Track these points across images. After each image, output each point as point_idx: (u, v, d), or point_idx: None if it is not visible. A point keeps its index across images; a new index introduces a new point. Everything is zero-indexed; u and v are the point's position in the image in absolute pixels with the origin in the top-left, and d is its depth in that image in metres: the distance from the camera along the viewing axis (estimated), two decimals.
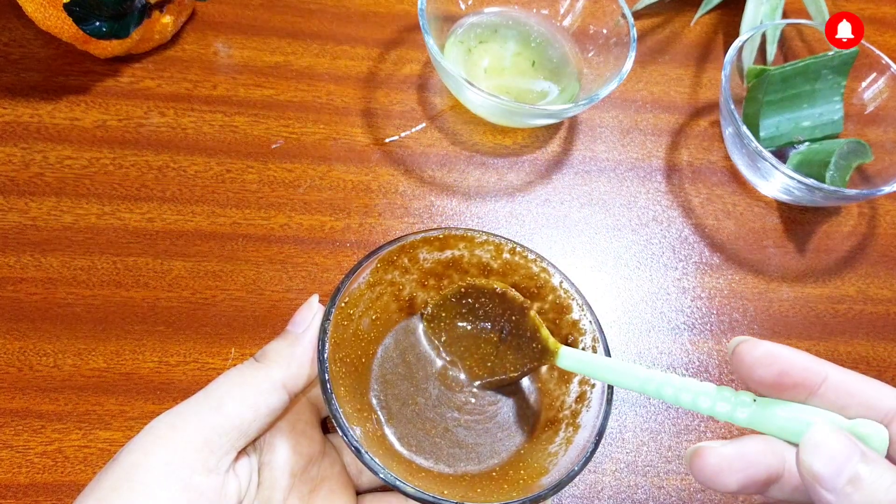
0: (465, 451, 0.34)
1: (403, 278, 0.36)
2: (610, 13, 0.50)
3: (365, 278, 0.35)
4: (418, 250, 0.36)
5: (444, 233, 0.36)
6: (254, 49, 0.50)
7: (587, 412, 0.33)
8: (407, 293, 0.37)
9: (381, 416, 0.34)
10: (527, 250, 0.37)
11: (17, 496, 0.36)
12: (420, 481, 0.30)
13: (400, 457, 0.33)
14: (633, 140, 0.52)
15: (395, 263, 0.36)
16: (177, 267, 0.42)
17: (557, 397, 0.35)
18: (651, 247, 0.48)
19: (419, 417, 0.34)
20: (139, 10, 0.44)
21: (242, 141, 0.47)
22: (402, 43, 0.53)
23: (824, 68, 0.50)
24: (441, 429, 0.34)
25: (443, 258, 0.37)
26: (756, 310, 0.47)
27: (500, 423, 0.35)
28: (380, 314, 0.36)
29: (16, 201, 0.42)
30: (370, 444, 0.31)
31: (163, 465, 0.27)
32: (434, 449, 0.34)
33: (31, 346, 0.39)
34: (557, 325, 0.36)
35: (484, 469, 0.34)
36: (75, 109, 0.46)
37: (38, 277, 0.41)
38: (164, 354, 0.40)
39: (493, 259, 0.37)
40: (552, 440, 0.34)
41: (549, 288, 0.36)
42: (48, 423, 0.37)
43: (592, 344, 0.35)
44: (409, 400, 0.35)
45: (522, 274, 0.37)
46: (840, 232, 0.51)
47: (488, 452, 0.34)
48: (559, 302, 0.36)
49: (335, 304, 0.32)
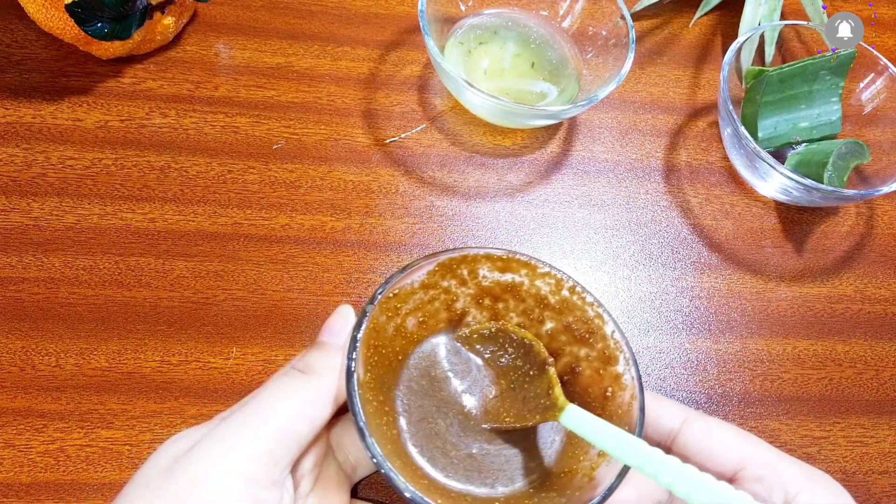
0: (477, 475, 0.33)
1: (459, 289, 0.36)
2: (609, 14, 0.50)
3: (420, 278, 0.34)
4: (479, 265, 0.35)
5: (508, 254, 0.35)
6: (255, 50, 0.50)
7: (606, 466, 0.32)
8: (461, 306, 0.36)
9: (402, 419, 0.33)
10: (586, 292, 0.35)
11: (19, 495, 0.36)
12: (424, 489, 0.30)
13: (412, 462, 0.32)
14: (631, 141, 0.52)
15: (454, 272, 0.35)
16: (178, 267, 0.42)
17: (582, 447, 0.34)
18: (650, 247, 0.49)
19: (437, 435, 0.34)
20: (141, 12, 0.44)
21: (244, 142, 0.47)
22: (403, 44, 0.53)
23: (822, 69, 0.50)
24: (455, 449, 0.34)
25: (503, 280, 0.36)
26: (754, 309, 0.47)
27: (511, 460, 0.34)
28: (427, 319, 0.36)
29: (18, 201, 0.43)
30: (382, 439, 0.30)
31: (236, 479, 0.27)
32: (449, 466, 0.33)
33: (34, 346, 0.39)
34: (601, 375, 0.35)
35: (491, 495, 0.33)
36: (77, 110, 0.46)
37: (40, 277, 0.41)
38: (165, 354, 0.40)
39: (552, 294, 0.36)
40: (563, 490, 0.32)
41: (600, 336, 0.35)
42: (50, 423, 0.38)
43: (630, 401, 0.33)
44: (429, 416, 0.34)
45: (577, 316, 0.36)
46: (838, 232, 0.52)
47: (503, 481, 0.33)
48: (607, 353, 0.35)
49: (383, 292, 0.32)
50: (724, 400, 0.44)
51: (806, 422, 0.44)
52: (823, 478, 0.32)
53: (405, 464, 0.32)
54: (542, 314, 0.36)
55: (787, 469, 0.32)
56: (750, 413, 0.44)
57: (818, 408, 0.45)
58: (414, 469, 0.32)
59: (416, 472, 0.32)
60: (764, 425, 0.44)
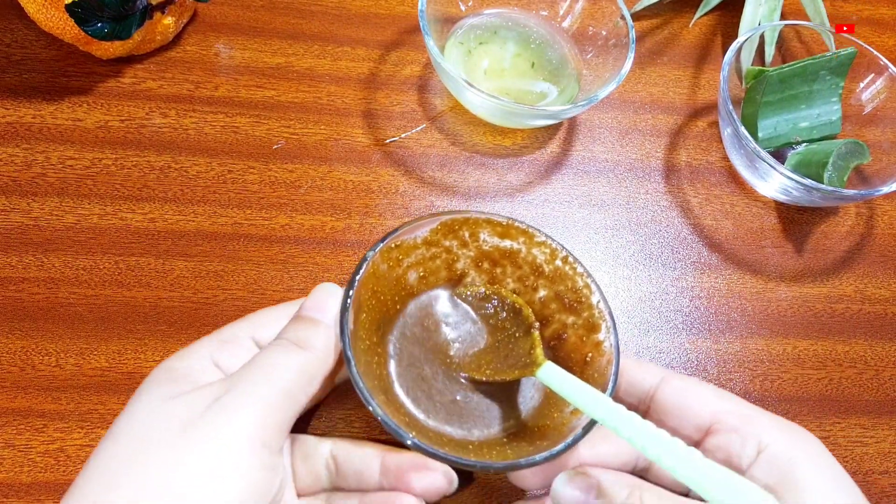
0: (457, 420, 0.35)
1: (461, 251, 0.38)
2: (609, 14, 0.50)
3: (423, 234, 0.37)
4: (481, 229, 0.38)
5: (508, 221, 0.38)
6: (255, 50, 0.50)
7: (577, 422, 0.34)
8: (461, 267, 0.38)
9: (393, 361, 0.36)
10: (578, 263, 0.37)
11: (19, 495, 0.36)
12: (420, 433, 0.32)
13: (396, 399, 0.35)
14: (631, 141, 0.52)
15: (456, 233, 0.37)
16: (178, 267, 0.42)
17: (557, 405, 0.36)
18: (650, 247, 0.49)
19: (423, 380, 0.36)
20: (141, 12, 0.44)
21: (244, 142, 0.47)
22: (403, 44, 0.53)
23: (822, 69, 0.50)
24: (440, 395, 0.36)
25: (502, 246, 0.38)
26: (754, 309, 0.47)
27: (491, 409, 0.36)
28: (428, 275, 0.38)
29: (18, 201, 0.43)
30: (369, 375, 0.32)
31: (256, 444, 0.28)
32: (431, 408, 0.35)
33: (34, 346, 0.39)
34: (584, 342, 0.37)
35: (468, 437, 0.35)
36: (77, 110, 0.46)
37: (40, 277, 0.41)
38: (165, 354, 0.40)
39: (546, 263, 0.38)
40: (534, 441, 0.34)
41: (587, 305, 0.37)
42: (50, 423, 0.38)
43: (606, 366, 0.35)
44: (418, 362, 0.36)
45: (568, 286, 0.38)
46: (838, 232, 0.52)
47: (479, 427, 0.36)
48: (592, 321, 0.37)
49: (385, 242, 0.35)
50: None
51: (806, 422, 0.44)
52: (798, 429, 0.32)
53: (389, 400, 0.34)
54: (537, 282, 0.38)
55: (762, 421, 0.32)
56: None
57: (818, 408, 0.45)
58: (397, 406, 0.34)
59: (399, 409, 0.34)
60: None
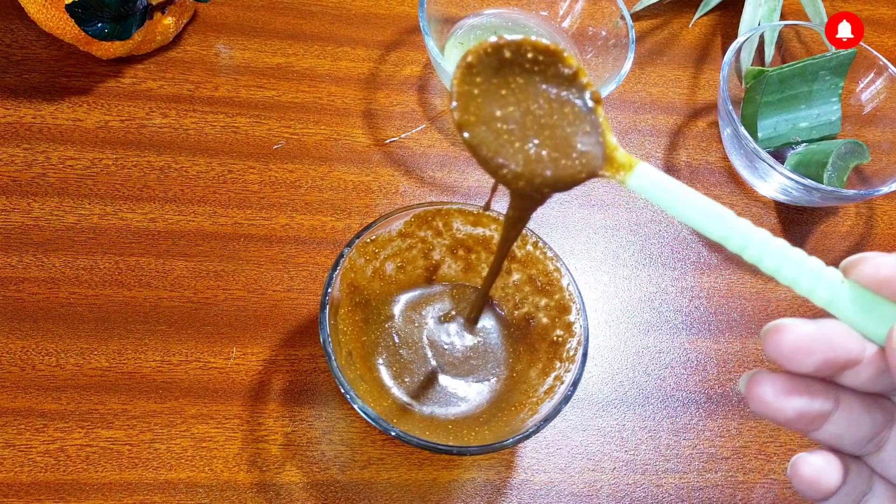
0: (435, 400, 0.38)
1: (435, 240, 0.40)
2: (609, 15, 0.50)
3: (397, 227, 0.38)
4: (453, 218, 0.39)
5: (479, 210, 0.39)
6: (255, 50, 0.50)
7: (548, 403, 0.36)
8: (437, 255, 0.40)
9: (381, 348, 0.39)
10: (547, 247, 0.39)
11: (19, 495, 0.36)
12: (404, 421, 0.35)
13: (387, 389, 0.38)
14: (631, 141, 0.52)
15: (429, 224, 0.39)
16: (179, 267, 0.42)
17: (532, 386, 0.38)
18: (650, 247, 0.49)
19: (406, 365, 0.39)
20: (141, 12, 0.44)
21: (244, 142, 0.47)
22: (403, 44, 0.53)
23: (822, 69, 0.50)
24: (420, 377, 0.39)
25: (475, 233, 0.40)
26: (754, 309, 0.47)
27: (468, 392, 0.39)
28: (405, 264, 0.40)
29: (18, 201, 0.43)
30: (351, 368, 0.35)
31: None
32: (411, 388, 0.38)
33: (34, 346, 0.39)
34: (555, 323, 0.38)
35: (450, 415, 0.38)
36: (77, 110, 0.46)
37: (40, 277, 0.41)
38: (166, 354, 0.40)
39: (518, 248, 0.40)
40: (510, 421, 0.37)
41: (558, 287, 0.39)
42: (50, 422, 0.38)
43: (576, 347, 0.37)
44: (404, 347, 0.39)
45: (539, 269, 0.40)
46: (837, 232, 0.52)
47: (457, 406, 0.38)
48: (563, 303, 0.38)
49: (360, 237, 0.37)
50: (724, 400, 0.44)
51: None
52: None
53: (374, 389, 0.37)
54: (510, 266, 0.41)
55: None
56: (750, 413, 0.44)
57: None
58: (383, 393, 0.37)
59: (385, 395, 0.37)
60: (764, 425, 0.44)
